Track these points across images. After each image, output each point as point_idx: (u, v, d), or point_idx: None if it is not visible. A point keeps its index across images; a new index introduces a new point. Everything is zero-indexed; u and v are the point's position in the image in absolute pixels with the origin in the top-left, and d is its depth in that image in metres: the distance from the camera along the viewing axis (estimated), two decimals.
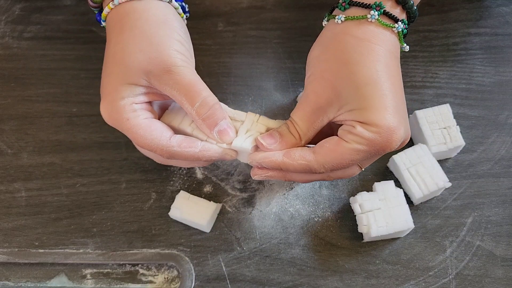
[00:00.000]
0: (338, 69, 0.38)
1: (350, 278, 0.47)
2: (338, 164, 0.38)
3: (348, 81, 0.38)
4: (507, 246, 0.48)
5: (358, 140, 0.38)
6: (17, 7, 0.62)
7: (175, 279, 0.48)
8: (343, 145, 0.38)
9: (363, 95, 0.37)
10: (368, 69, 0.37)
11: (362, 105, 0.37)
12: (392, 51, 0.39)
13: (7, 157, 0.53)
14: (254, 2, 0.61)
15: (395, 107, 0.38)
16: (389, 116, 0.37)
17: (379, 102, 0.37)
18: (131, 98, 0.40)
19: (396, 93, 0.38)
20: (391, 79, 0.38)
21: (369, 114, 0.37)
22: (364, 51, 0.38)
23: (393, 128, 0.37)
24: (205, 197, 0.50)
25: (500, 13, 0.60)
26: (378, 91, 0.37)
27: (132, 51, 0.39)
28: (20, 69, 0.58)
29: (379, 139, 0.37)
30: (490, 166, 0.51)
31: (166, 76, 0.39)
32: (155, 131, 0.40)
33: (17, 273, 0.49)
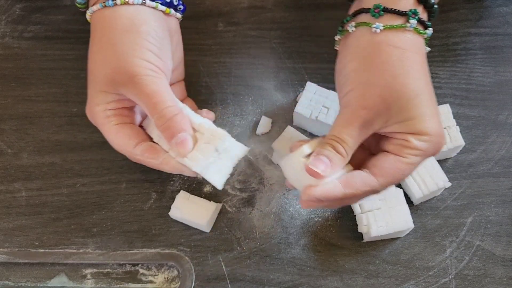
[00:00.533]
0: (386, 82, 0.37)
1: (350, 278, 0.47)
2: (398, 180, 0.39)
3: (398, 93, 0.37)
4: (507, 246, 0.48)
5: (415, 153, 0.38)
6: (17, 7, 0.62)
7: (175, 279, 0.48)
8: (402, 161, 0.38)
9: (414, 106, 0.37)
10: (416, 80, 0.38)
11: (413, 116, 0.37)
12: (425, 57, 0.40)
13: (7, 157, 0.53)
14: (254, 2, 0.61)
15: (438, 113, 0.39)
16: (437, 121, 0.38)
17: (429, 111, 0.38)
18: (104, 104, 0.42)
19: (434, 98, 0.39)
20: (430, 85, 0.39)
21: (422, 124, 0.38)
22: (409, 63, 0.38)
23: (441, 133, 0.39)
24: (205, 197, 0.50)
25: (500, 13, 0.60)
26: (427, 101, 0.38)
27: (98, 62, 0.42)
28: (21, 69, 0.58)
29: (432, 146, 0.38)
30: (490, 166, 0.51)
31: (130, 86, 0.40)
32: (121, 138, 0.42)
33: (17, 273, 0.49)
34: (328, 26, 0.59)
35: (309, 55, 0.57)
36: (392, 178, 0.38)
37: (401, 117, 0.38)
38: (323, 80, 0.55)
